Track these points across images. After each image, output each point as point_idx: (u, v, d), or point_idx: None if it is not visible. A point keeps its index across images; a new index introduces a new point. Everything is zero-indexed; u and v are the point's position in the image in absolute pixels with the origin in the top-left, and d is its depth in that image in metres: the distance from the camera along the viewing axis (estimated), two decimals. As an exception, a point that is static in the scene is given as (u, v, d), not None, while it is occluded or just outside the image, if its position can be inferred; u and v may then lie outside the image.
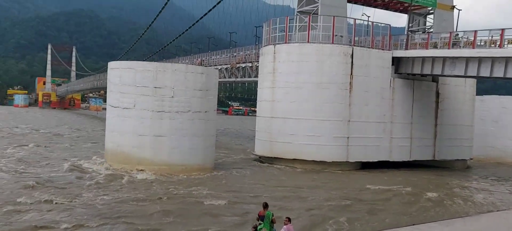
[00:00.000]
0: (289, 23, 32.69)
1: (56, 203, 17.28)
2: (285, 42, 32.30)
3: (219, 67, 48.75)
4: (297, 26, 32.95)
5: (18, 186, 19.97)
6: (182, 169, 25.20)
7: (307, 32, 31.75)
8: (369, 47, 32.38)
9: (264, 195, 20.45)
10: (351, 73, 31.18)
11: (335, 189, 23.85)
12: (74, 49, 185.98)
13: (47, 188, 19.89)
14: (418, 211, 19.55)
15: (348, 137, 31.14)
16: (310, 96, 30.87)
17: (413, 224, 14.89)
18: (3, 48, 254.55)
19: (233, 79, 48.35)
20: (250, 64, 43.41)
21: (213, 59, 53.98)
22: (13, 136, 46.02)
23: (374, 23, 33.47)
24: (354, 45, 31.60)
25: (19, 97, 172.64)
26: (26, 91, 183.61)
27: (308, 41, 31.52)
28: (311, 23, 31.72)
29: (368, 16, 38.39)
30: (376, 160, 32.37)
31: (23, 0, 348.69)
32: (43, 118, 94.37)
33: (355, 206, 19.62)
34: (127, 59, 33.99)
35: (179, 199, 19.20)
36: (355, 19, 33.18)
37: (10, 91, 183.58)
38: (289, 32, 32.60)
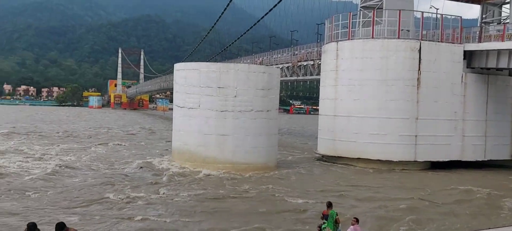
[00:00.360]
0: (352, 19, 31.94)
1: (142, 199, 18.03)
2: (348, 39, 31.61)
3: (280, 66, 48.76)
4: (361, 22, 32.12)
5: (101, 182, 21.24)
6: (245, 168, 25.53)
7: (371, 28, 30.84)
8: (438, 41, 30.79)
9: (332, 194, 20.16)
10: (419, 69, 29.81)
11: (403, 189, 22.96)
12: (142, 53, 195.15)
13: (126, 184, 20.95)
14: (495, 214, 18.25)
15: (416, 135, 29.82)
16: (375, 93, 29.95)
17: (489, 229, 13.91)
18: (79, 53, 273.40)
19: (294, 77, 48.16)
20: (311, 62, 42.99)
21: (274, 58, 54.13)
22: (95, 135, 49.39)
23: (443, 15, 31.78)
24: (422, 40, 30.20)
25: (94, 99, 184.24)
26: (100, 93, 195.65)
27: (372, 37, 30.60)
28: (375, 18, 30.76)
29: (437, 9, 36.58)
30: (446, 160, 30.70)
31: (96, 8, 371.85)
32: (115, 118, 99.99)
33: (426, 208, 18.72)
34: (191, 61, 35.08)
35: (260, 197, 19.37)
36: (422, 12, 31.70)
37: (85, 93, 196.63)
38: (352, 28, 31.86)
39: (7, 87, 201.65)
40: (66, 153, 32.07)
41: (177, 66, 28.70)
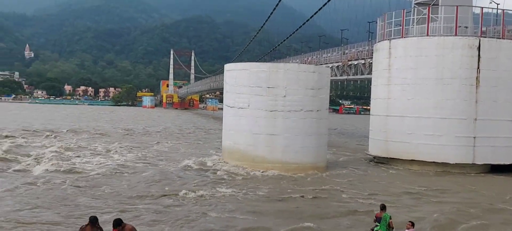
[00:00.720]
0: (406, 17, 30.93)
1: (209, 196, 18.50)
2: (402, 37, 30.66)
3: (330, 65, 48.17)
4: (415, 19, 31.05)
5: (162, 178, 22.02)
6: (295, 167, 25.46)
7: (426, 25, 29.74)
8: (499, 38, 29.15)
9: (385, 196, 19.65)
10: (478, 67, 28.35)
11: (462, 193, 21.91)
12: (193, 54, 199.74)
13: (186, 181, 21.63)
14: None
15: (474, 137, 28.40)
16: (430, 92, 28.83)
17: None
18: (133, 55, 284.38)
19: (344, 77, 47.40)
20: (362, 61, 42.12)
21: (324, 57, 53.55)
22: (152, 133, 51.33)
23: (504, 10, 30.02)
24: (481, 36, 28.71)
25: (147, 99, 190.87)
26: (153, 93, 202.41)
27: (427, 35, 29.49)
28: (430, 15, 29.63)
29: (497, 4, 34.65)
30: (508, 163, 29.00)
31: (150, 11, 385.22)
32: (171, 117, 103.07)
33: (488, 213, 17.71)
34: (240, 61, 35.62)
35: (311, 198, 19.20)
36: (482, 7, 30.13)
37: (139, 93, 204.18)
38: (405, 26, 30.87)
39: (68, 88, 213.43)
40: (128, 150, 33.56)
41: (227, 66, 29.12)
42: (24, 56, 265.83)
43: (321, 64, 50.33)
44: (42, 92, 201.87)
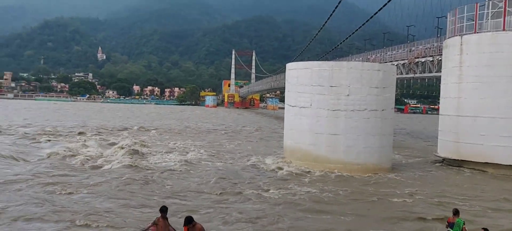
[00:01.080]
0: (479, 10, 29.03)
1: (281, 195, 18.68)
2: (474, 32, 28.83)
3: (395, 63, 46.44)
4: (489, 13, 29.04)
5: (228, 176, 22.47)
6: (358, 168, 24.83)
7: (502, 19, 27.71)
8: None
9: (457, 200, 18.56)
10: (563, 63, 25.97)
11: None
12: (253, 54, 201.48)
13: (254, 179, 22.00)
14: None
15: (558, 139, 26.03)
16: (506, 91, 26.83)
17: None
18: (196, 56, 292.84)
19: (411, 75, 45.47)
20: (430, 59, 40.16)
21: (389, 55, 51.75)
22: (216, 131, 52.64)
23: None
24: None
25: (209, 99, 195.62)
26: (215, 93, 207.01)
27: (503, 29, 27.48)
28: (507, 8, 27.56)
29: None
30: None
31: (212, 12, 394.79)
32: (234, 116, 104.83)
33: None
34: (300, 60, 35.39)
35: (376, 200, 18.64)
36: None
37: (202, 93, 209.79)
38: (479, 20, 28.97)
39: (136, 88, 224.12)
40: (197, 147, 34.58)
41: (289, 65, 29.03)
42: (97, 58, 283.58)
43: (386, 62, 48.68)
44: (113, 92, 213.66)
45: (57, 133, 42.71)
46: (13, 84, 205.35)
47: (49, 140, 36.01)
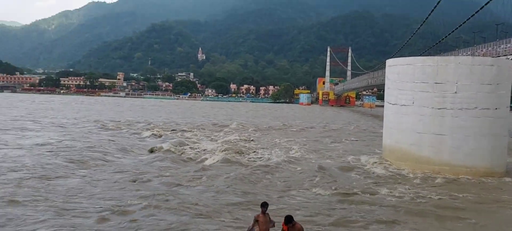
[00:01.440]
0: None
1: (392, 196, 18.23)
2: None
3: (510, 57, 42.08)
4: None
5: (335, 175, 22.43)
6: (465, 171, 23.00)
7: None
8: None
9: None
10: None
11: None
12: (349, 50, 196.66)
13: (355, 180, 21.62)
14: None
15: None
16: None
17: None
18: (291, 54, 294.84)
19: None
20: (554, 51, 35.73)
21: (503, 48, 47.06)
22: (312, 129, 52.83)
23: None
24: None
25: (304, 96, 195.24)
26: (309, 91, 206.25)
27: None
28: None
29: None
30: None
31: (307, 9, 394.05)
32: (326, 114, 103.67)
33: None
34: (400, 56, 33.55)
35: (488, 209, 17.09)
36: None
37: (296, 91, 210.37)
38: None
39: (233, 86, 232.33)
40: (298, 145, 34.94)
41: (390, 61, 27.87)
42: (198, 58, 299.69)
43: (499, 56, 44.37)
44: (211, 90, 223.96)
45: (167, 128, 46.20)
46: (124, 84, 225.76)
47: (161, 135, 38.81)
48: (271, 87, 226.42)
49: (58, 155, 24.70)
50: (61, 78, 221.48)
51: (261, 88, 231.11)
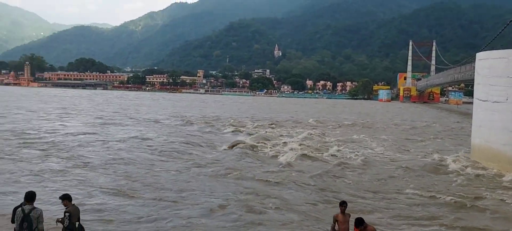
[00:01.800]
0: None
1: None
2: None
3: None
4: None
5: (420, 175, 21.63)
6: None
7: None
8: None
9: None
10: None
11: None
12: (434, 44, 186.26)
13: (442, 181, 20.61)
14: None
15: None
16: None
17: None
18: (370, 49, 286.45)
19: None
20: None
21: None
22: (399, 126, 51.60)
23: None
24: None
25: (383, 93, 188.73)
26: (389, 87, 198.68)
27: None
28: None
29: None
30: None
31: (388, 3, 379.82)
32: (410, 111, 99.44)
33: None
34: (491, 49, 31.23)
35: None
36: None
37: (375, 87, 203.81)
38: None
39: (309, 82, 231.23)
40: (382, 141, 34.58)
41: (480, 55, 26.34)
42: (274, 55, 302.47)
43: None
44: (287, 87, 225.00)
45: (248, 124, 47.51)
46: (204, 81, 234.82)
47: (241, 131, 40.13)
48: (348, 83, 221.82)
49: (156, 149, 26.48)
50: (146, 76, 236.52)
51: (338, 84, 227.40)
